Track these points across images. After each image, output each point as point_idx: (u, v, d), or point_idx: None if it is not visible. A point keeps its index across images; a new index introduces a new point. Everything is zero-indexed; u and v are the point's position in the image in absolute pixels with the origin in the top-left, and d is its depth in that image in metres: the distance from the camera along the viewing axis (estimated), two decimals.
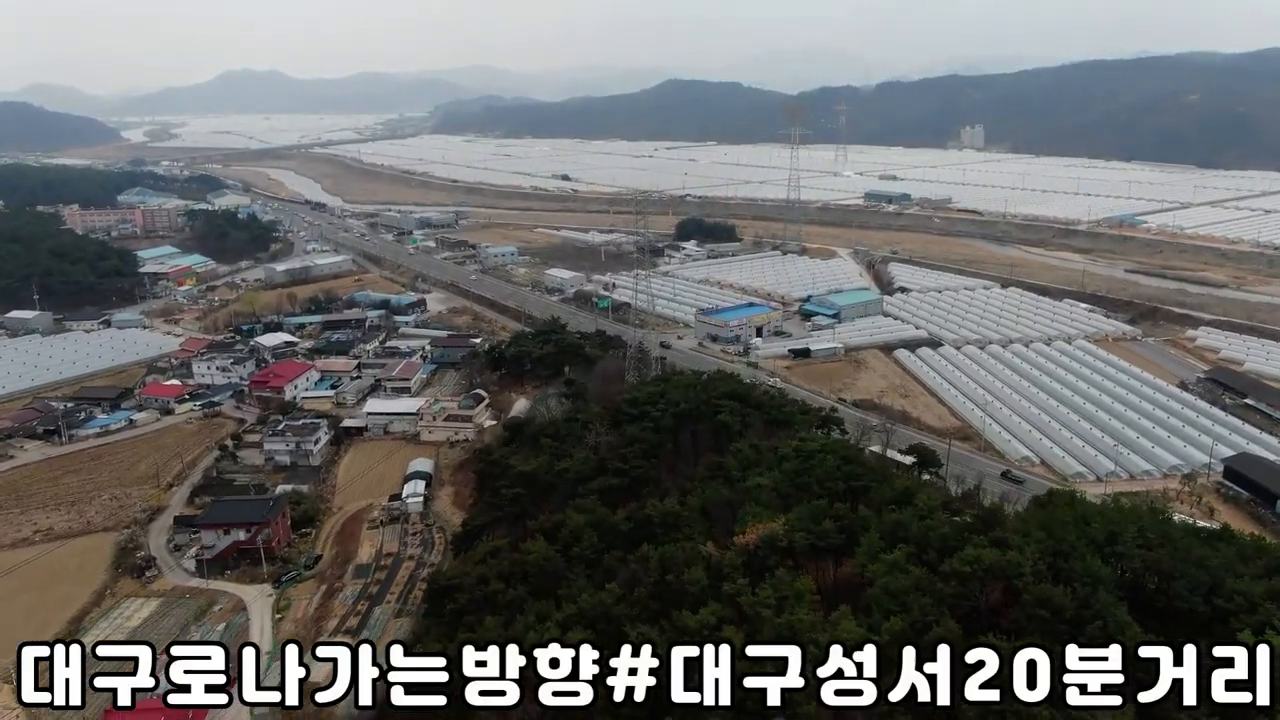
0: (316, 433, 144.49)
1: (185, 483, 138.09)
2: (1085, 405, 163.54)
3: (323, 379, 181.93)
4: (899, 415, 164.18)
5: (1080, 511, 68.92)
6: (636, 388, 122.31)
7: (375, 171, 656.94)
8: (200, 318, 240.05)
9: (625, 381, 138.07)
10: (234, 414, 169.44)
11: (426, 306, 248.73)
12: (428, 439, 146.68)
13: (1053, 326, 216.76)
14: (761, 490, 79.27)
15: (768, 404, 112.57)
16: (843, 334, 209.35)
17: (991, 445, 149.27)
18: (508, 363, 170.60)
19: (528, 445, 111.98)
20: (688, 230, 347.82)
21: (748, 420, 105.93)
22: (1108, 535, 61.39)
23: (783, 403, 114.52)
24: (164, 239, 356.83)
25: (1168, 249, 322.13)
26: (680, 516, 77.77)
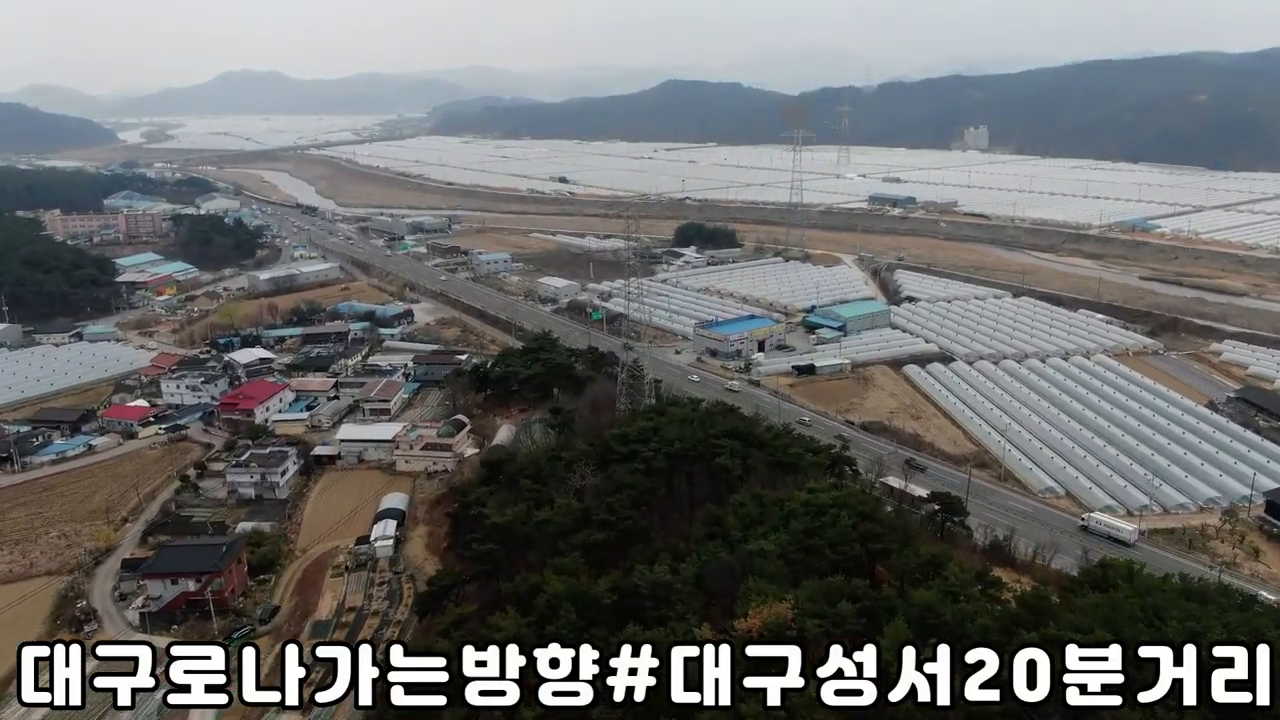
0: (284, 463, 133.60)
1: (140, 519, 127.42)
2: (1110, 429, 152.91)
3: (298, 399, 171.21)
4: (911, 439, 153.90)
5: (1151, 602, 58.07)
6: (628, 420, 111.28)
7: (370, 174, 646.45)
8: (177, 330, 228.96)
9: (616, 409, 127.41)
10: (201, 438, 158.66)
11: (414, 318, 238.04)
12: (404, 469, 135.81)
13: (1069, 339, 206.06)
14: (766, 559, 68.52)
15: (772, 443, 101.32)
16: (849, 348, 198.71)
17: (1012, 474, 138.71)
18: (493, 383, 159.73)
19: (506, 486, 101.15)
20: (687, 236, 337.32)
21: (749, 463, 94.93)
22: (1187, 634, 50.74)
23: (788, 442, 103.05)
24: (148, 245, 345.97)
25: (1183, 255, 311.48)
26: (672, 589, 67.10)
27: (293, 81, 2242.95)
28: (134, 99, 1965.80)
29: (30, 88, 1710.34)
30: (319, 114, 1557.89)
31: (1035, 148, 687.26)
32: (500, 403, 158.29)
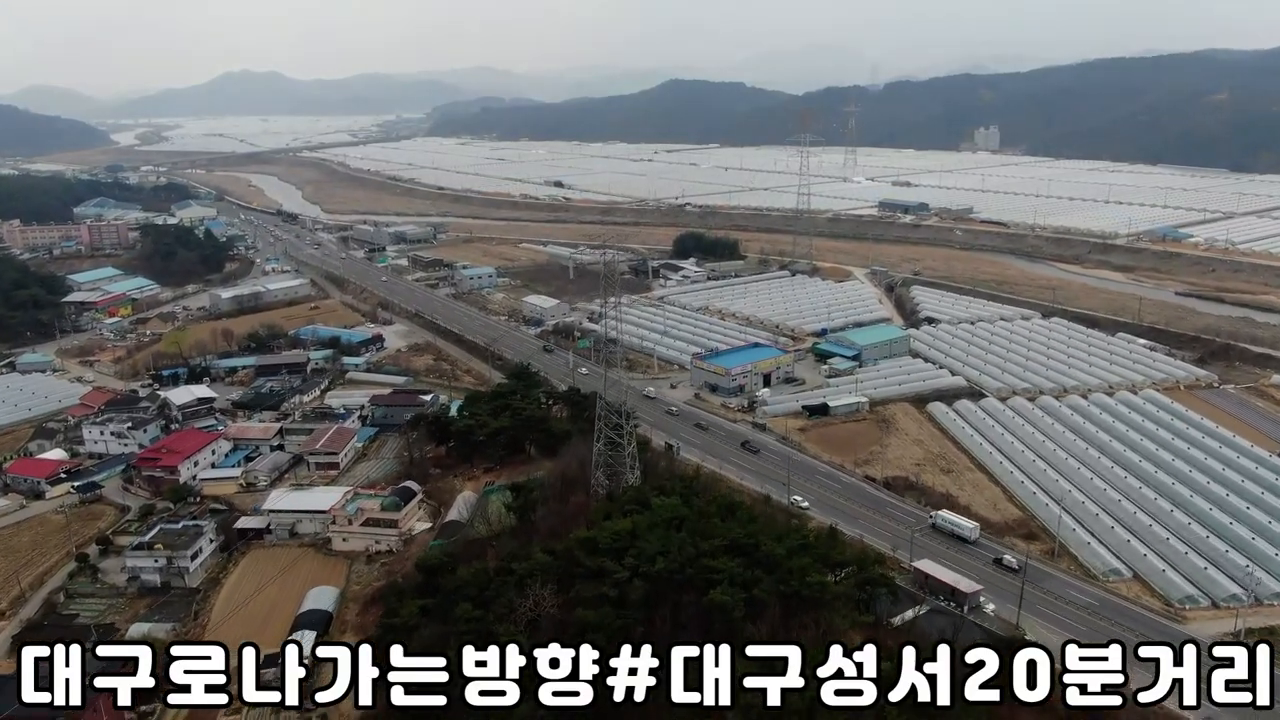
0: (196, 543, 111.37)
1: (16, 618, 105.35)
2: (1176, 488, 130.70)
3: (236, 448, 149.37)
4: (942, 499, 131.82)
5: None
6: (601, 512, 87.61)
7: (360, 178, 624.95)
8: (120, 359, 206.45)
9: (591, 485, 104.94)
10: (119, 499, 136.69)
11: (384, 343, 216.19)
12: (341, 548, 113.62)
13: (1111, 371, 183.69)
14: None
15: (784, 563, 76.75)
16: (865, 382, 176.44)
17: (1066, 548, 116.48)
18: (456, 435, 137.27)
19: (443, 605, 78.83)
20: (686, 246, 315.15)
21: (756, 593, 72.10)
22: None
23: (806, 564, 78.22)
24: (110, 258, 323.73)
25: (1220, 267, 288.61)
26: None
27: (293, 82, 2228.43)
28: (134, 100, 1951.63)
29: (30, 89, 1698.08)
30: (318, 115, 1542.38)
31: (1048, 149, 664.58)
32: (463, 458, 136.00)
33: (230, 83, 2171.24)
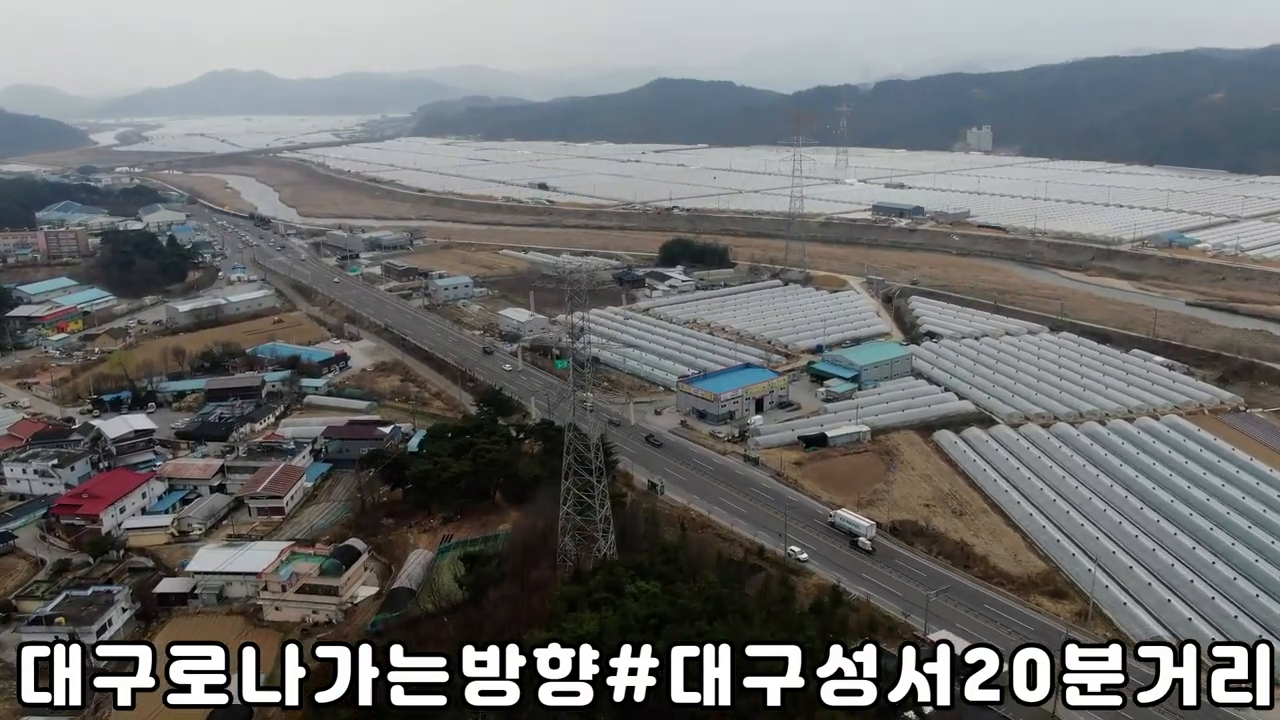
0: (105, 614, 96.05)
1: None
2: (1215, 534, 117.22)
3: (171, 489, 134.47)
4: (956, 548, 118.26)
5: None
6: (566, 608, 71.54)
7: (340, 179, 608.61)
8: (61, 381, 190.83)
9: (558, 559, 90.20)
10: (35, 552, 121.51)
11: (348, 362, 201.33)
12: (274, 618, 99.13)
13: (1130, 393, 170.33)
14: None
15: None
16: (866, 407, 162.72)
17: (1099, 609, 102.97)
18: (413, 478, 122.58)
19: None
20: (673, 253, 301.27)
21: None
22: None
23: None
24: (68, 266, 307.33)
25: (1230, 275, 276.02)
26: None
27: (279, 81, 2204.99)
28: (117, 99, 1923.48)
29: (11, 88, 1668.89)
30: (304, 114, 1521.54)
31: (1042, 149, 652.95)
32: (420, 504, 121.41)
33: (216, 81, 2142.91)
